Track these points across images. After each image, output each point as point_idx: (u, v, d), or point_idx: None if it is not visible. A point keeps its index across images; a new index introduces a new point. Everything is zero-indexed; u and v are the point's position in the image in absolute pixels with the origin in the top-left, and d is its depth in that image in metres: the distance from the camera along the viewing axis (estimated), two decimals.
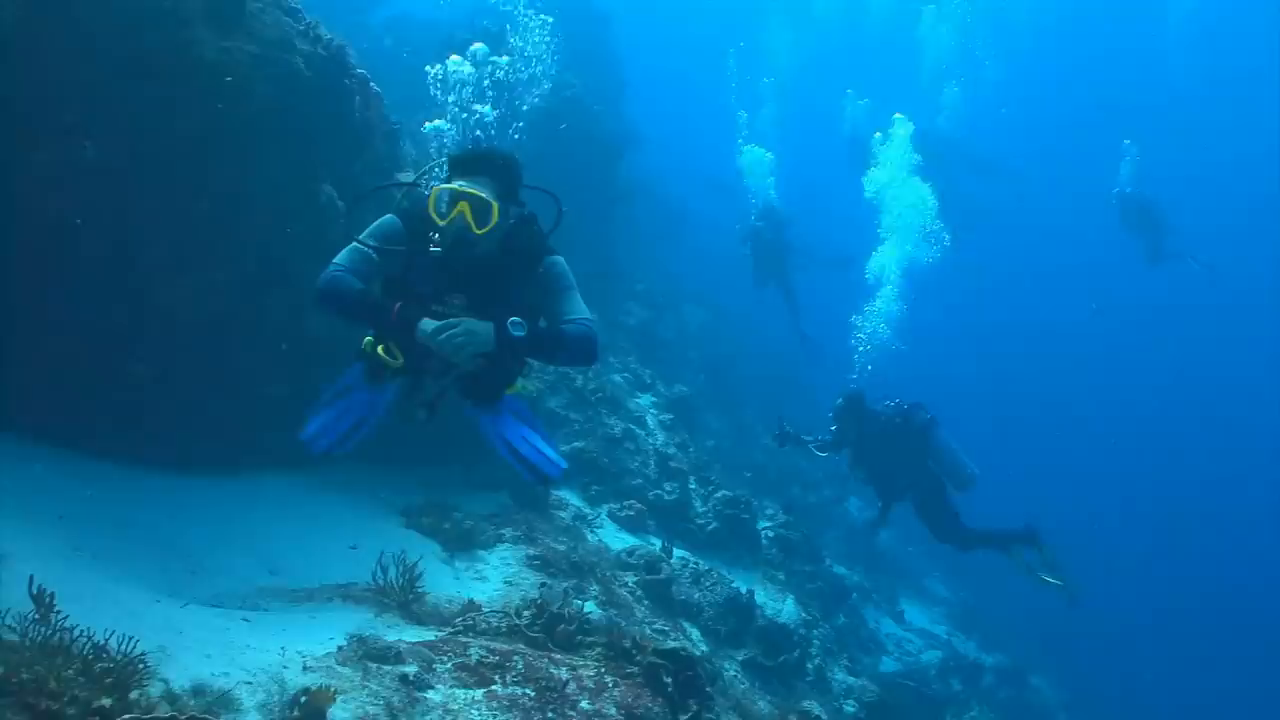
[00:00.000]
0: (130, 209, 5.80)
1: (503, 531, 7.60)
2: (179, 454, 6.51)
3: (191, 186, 5.87)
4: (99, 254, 5.83)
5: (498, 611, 5.48)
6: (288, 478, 7.08)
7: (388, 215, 3.70)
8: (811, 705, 7.65)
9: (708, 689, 5.05)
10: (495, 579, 6.81)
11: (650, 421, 10.98)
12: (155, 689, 3.48)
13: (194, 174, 5.79)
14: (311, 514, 6.95)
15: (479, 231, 3.47)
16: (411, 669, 4.45)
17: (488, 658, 4.74)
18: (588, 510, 8.97)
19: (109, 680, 3.20)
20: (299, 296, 6.26)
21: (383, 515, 7.35)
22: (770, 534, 10.86)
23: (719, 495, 10.27)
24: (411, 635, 5.12)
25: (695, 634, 7.85)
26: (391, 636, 4.91)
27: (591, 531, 8.62)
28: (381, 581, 5.63)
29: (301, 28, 5.98)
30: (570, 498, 9.00)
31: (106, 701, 3.00)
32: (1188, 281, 18.27)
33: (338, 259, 3.57)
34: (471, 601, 5.84)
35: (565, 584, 6.82)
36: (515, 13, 13.82)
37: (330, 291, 3.48)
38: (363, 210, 4.03)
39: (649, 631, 6.81)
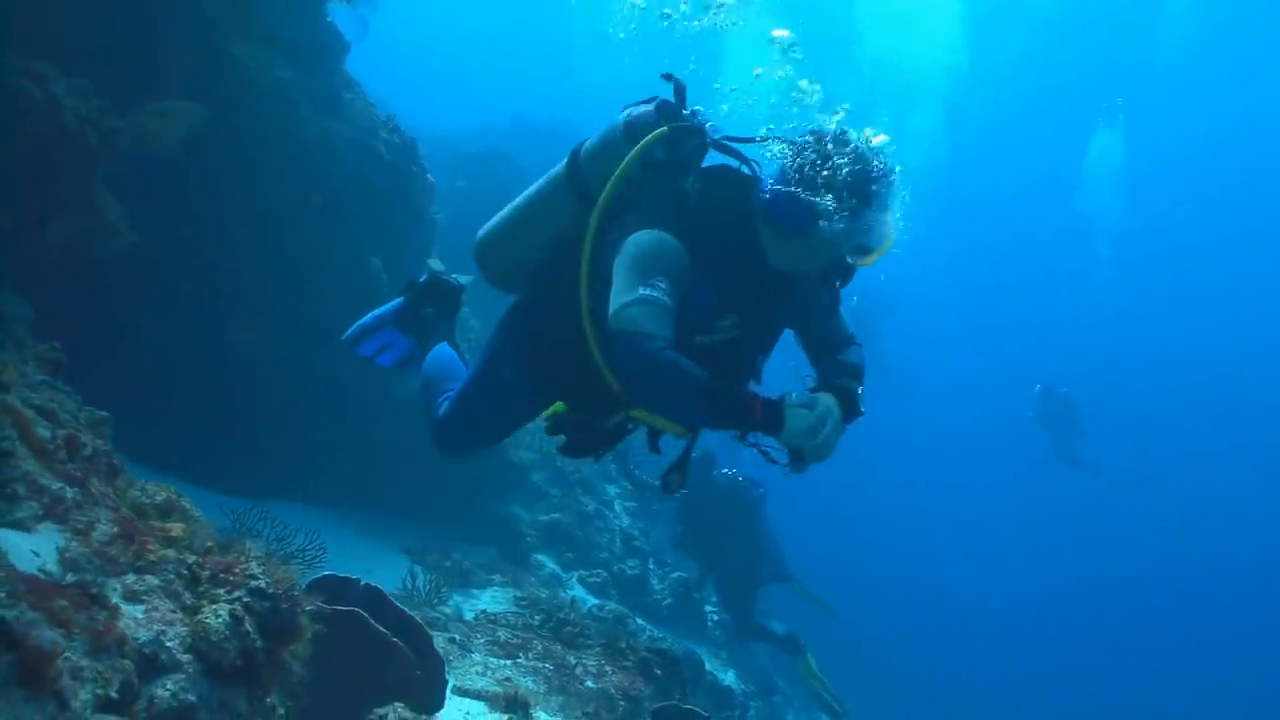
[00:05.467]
0: (223, 259, 6.89)
1: (493, 576, 8.59)
2: (227, 477, 7.47)
3: (277, 246, 7.02)
4: (187, 294, 6.86)
5: (512, 615, 6.50)
6: (316, 510, 8.05)
7: (653, 235, 2.72)
8: None
9: (688, 683, 6.09)
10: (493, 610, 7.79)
11: (617, 507, 12.06)
12: None
13: (282, 234, 6.93)
14: (333, 541, 7.90)
15: (864, 264, 2.75)
16: (456, 636, 5.46)
17: (513, 639, 5.77)
18: (561, 573, 9.97)
19: None
20: (338, 352, 7.40)
21: (392, 551, 8.31)
22: (715, 617, 11.87)
23: (674, 576, 11.32)
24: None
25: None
26: None
27: (565, 590, 9.61)
28: (410, 587, 6.62)
29: (383, 118, 7.32)
30: (547, 561, 10.00)
31: None
32: None
33: (639, 322, 2.58)
34: (485, 611, 6.83)
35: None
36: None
37: (664, 382, 2.57)
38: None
39: None
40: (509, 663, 5.43)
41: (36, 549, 2.41)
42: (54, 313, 4.18)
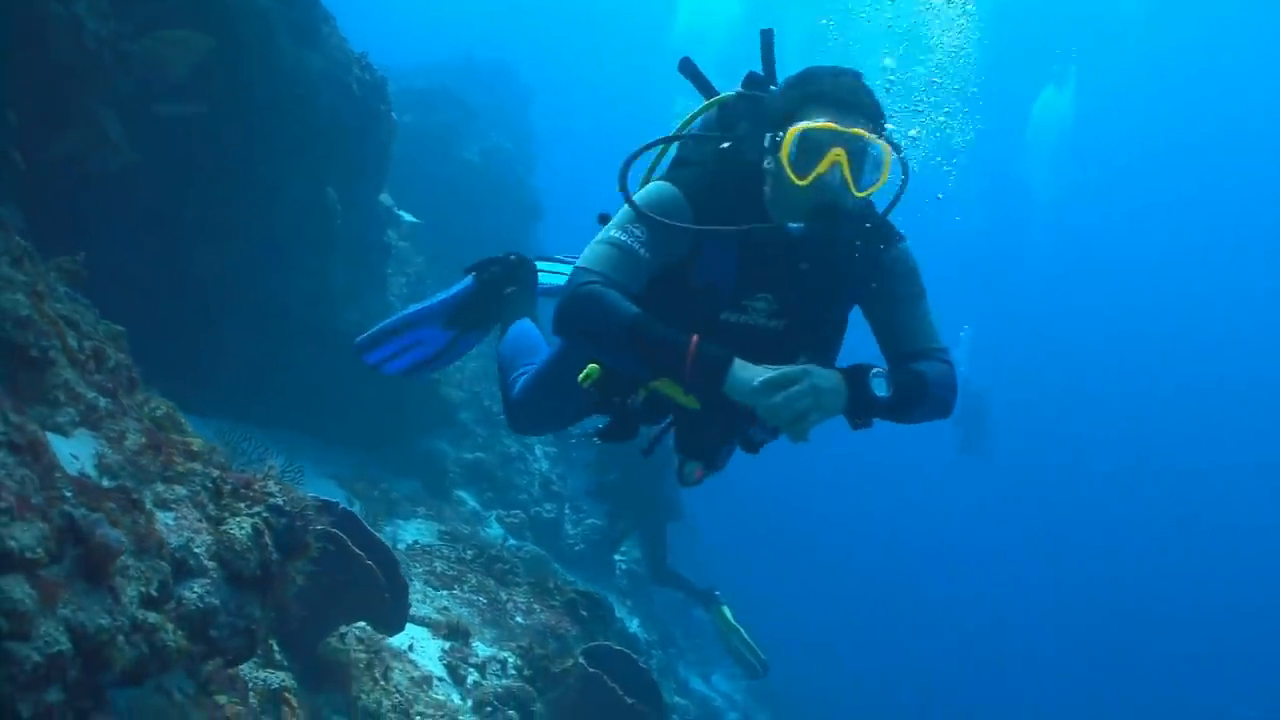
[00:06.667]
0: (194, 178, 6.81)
1: (417, 509, 8.77)
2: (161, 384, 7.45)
3: (246, 171, 6.96)
4: (156, 207, 6.78)
5: (446, 548, 6.72)
6: (247, 429, 8.06)
7: (659, 185, 2.61)
8: None
9: (620, 627, 6.42)
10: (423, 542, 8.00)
11: (538, 450, 12.31)
12: None
13: (251, 160, 6.88)
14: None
15: (861, 195, 2.41)
16: None
17: (449, 571, 6.00)
18: (481, 511, 10.20)
19: None
20: (288, 277, 7.43)
21: (322, 477, 8.41)
22: (623, 565, 12.28)
23: (588, 523, 11.67)
24: None
25: None
26: None
27: (484, 528, 9.85)
28: None
29: (356, 55, 7.31)
30: (468, 498, 10.21)
31: None
32: None
33: (590, 261, 2.48)
34: (417, 542, 7.03)
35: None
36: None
37: (590, 314, 2.40)
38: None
39: None
40: (446, 593, 5.66)
41: (75, 453, 2.56)
42: (38, 221, 4.19)
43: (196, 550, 2.56)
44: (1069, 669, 25.87)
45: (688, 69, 2.87)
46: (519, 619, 5.84)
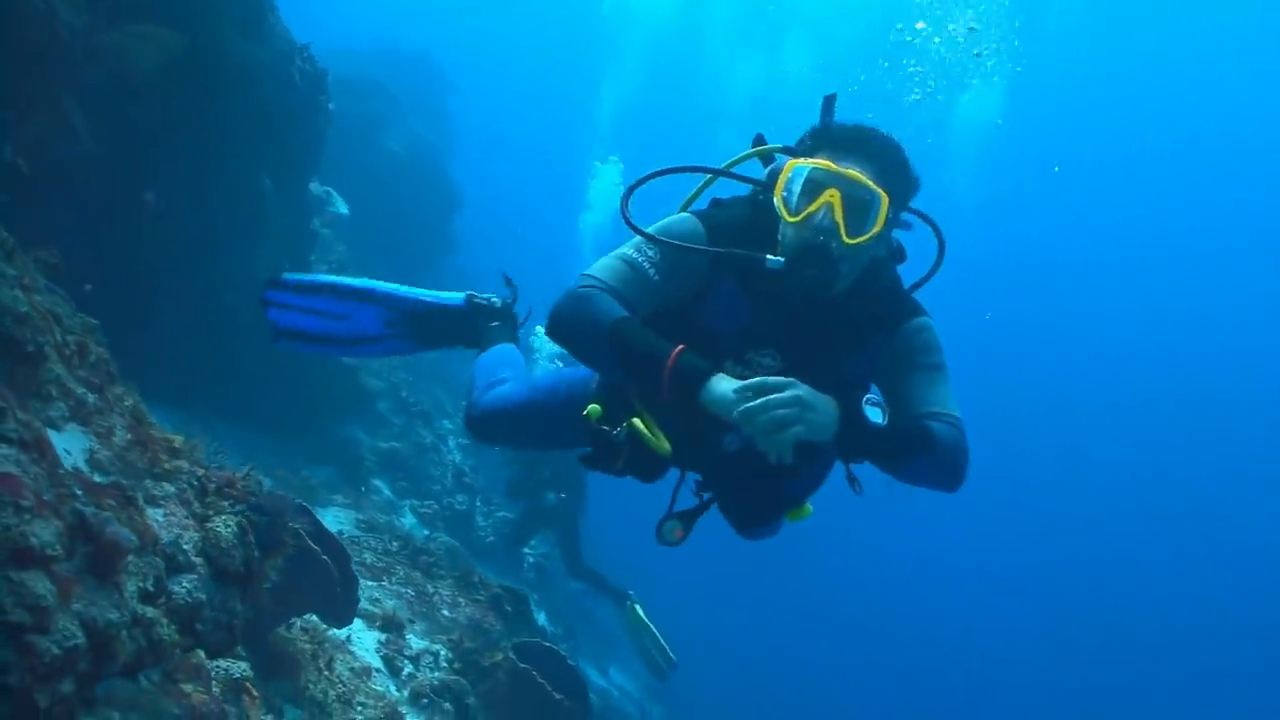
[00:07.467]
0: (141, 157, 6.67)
1: (335, 496, 8.74)
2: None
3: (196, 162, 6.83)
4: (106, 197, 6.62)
5: (374, 539, 6.76)
6: (162, 410, 7.93)
7: (682, 216, 2.57)
8: None
9: (536, 622, 6.57)
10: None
11: (451, 442, 12.33)
12: None
13: (202, 152, 6.76)
14: None
15: (850, 241, 2.29)
16: None
17: (378, 563, 6.06)
18: (396, 500, 10.19)
19: None
20: (222, 265, 7.36)
21: (243, 462, 8.32)
22: (531, 559, 12.40)
23: (498, 515, 11.75)
24: None
25: None
26: None
27: (399, 517, 9.86)
28: None
29: (299, 46, 7.27)
30: (383, 487, 10.19)
31: None
32: None
33: (596, 270, 2.45)
34: (342, 532, 7.05)
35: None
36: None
37: (579, 313, 2.35)
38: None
39: None
40: (375, 584, 5.72)
41: (68, 449, 2.62)
42: None
43: (185, 547, 2.64)
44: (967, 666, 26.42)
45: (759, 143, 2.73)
46: (446, 612, 5.94)
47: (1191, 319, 35.08)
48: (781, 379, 2.17)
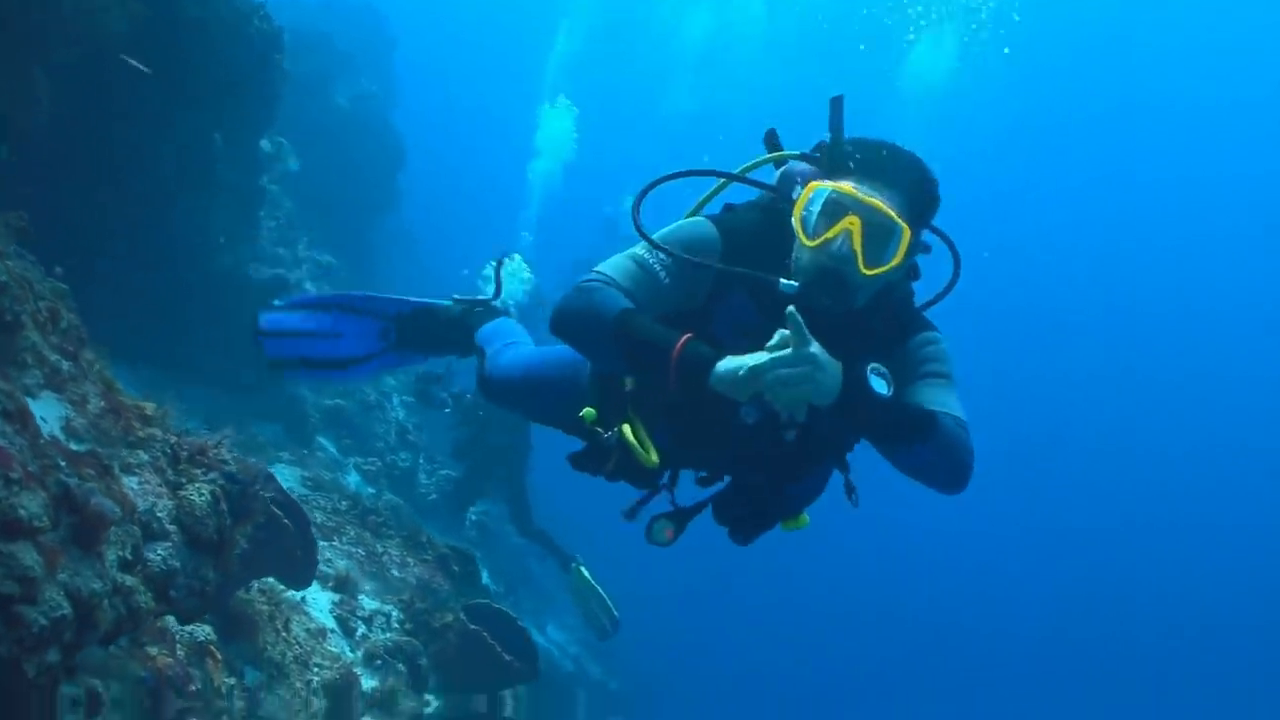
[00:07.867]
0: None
1: (281, 454, 8.71)
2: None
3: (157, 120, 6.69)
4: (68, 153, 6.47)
5: (323, 498, 6.78)
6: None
7: (698, 220, 2.54)
8: None
9: (483, 582, 6.67)
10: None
11: (395, 400, 12.32)
12: None
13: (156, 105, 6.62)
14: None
15: (868, 273, 2.24)
16: None
17: (328, 523, 6.10)
18: (340, 458, 10.18)
19: None
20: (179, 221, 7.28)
21: (190, 417, 8.25)
22: (473, 517, 12.49)
23: (441, 474, 11.80)
24: None
25: None
26: None
27: (343, 475, 9.86)
28: None
29: (256, 4, 7.14)
30: (327, 444, 10.17)
31: None
32: None
33: (604, 267, 2.42)
34: (291, 490, 7.05)
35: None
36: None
37: (584, 306, 2.31)
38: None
39: None
40: (327, 544, 5.76)
41: (44, 416, 2.64)
42: None
43: (160, 515, 2.69)
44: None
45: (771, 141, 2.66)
46: (395, 572, 6.01)
47: (1162, 289, 34.25)
48: (795, 353, 2.06)
